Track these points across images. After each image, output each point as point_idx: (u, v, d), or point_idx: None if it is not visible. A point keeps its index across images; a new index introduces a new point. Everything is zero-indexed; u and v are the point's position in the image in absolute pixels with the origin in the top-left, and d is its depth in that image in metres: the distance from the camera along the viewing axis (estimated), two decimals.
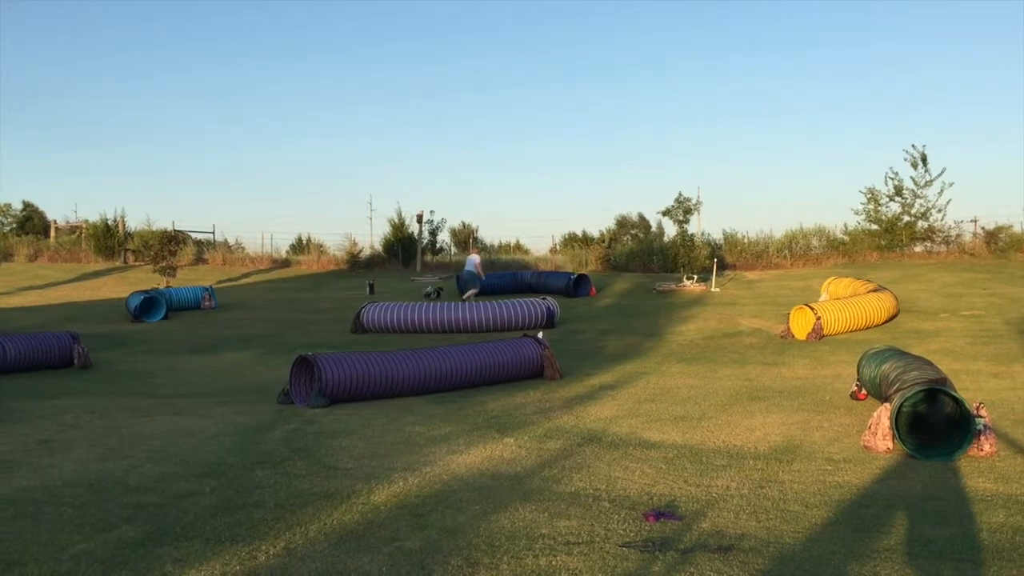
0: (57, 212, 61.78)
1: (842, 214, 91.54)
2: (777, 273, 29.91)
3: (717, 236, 36.28)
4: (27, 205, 51.00)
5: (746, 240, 35.41)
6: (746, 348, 14.97)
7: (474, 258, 24.10)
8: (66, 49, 78.20)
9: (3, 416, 9.27)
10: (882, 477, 6.23)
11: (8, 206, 50.04)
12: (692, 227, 34.22)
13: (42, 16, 75.81)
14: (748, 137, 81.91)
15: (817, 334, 15.28)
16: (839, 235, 33.94)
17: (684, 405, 9.54)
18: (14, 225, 48.70)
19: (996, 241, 29.56)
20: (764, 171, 78.81)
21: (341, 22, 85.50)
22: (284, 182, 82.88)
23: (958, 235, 31.57)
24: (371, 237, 40.91)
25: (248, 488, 6.04)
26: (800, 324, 15.77)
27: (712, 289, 24.77)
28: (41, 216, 49.43)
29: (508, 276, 28.44)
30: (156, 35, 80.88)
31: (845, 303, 16.56)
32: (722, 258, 31.34)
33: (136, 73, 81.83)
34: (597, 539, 4.77)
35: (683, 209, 33.11)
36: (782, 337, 15.75)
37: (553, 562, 4.41)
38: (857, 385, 9.52)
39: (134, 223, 38.96)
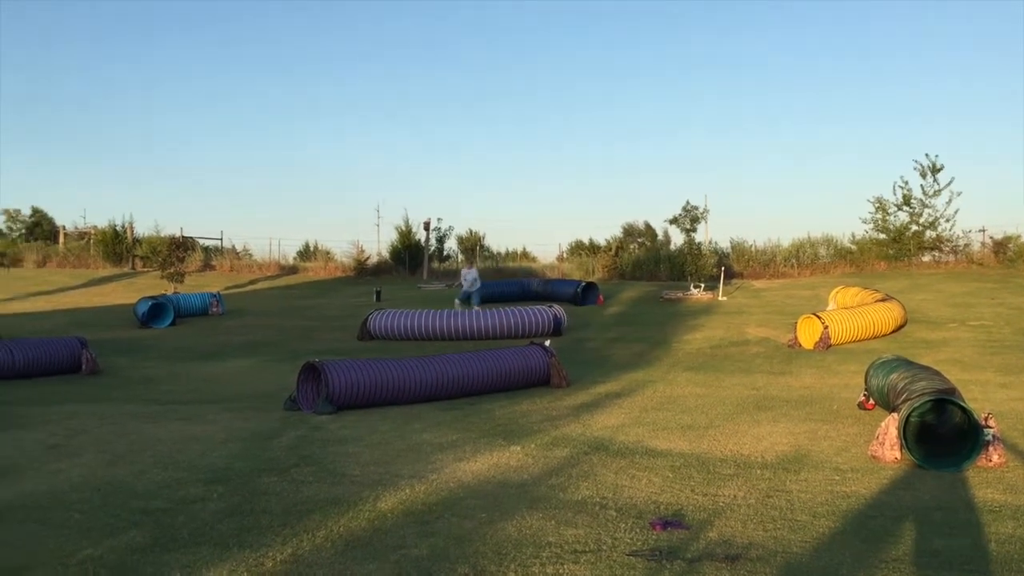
0: (66, 218, 62.13)
1: (850, 223, 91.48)
2: (784, 282, 29.86)
3: (724, 244, 36.33)
4: (36, 211, 51.30)
5: (753, 249, 35.38)
6: (753, 357, 14.94)
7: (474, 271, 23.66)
8: (76, 56, 78.66)
9: (11, 421, 9.30)
10: (890, 487, 6.21)
11: (17, 212, 50.37)
12: (699, 235, 34.29)
13: (52, 24, 76.31)
14: (756, 146, 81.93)
15: (824, 343, 15.25)
16: (847, 244, 33.92)
17: (691, 414, 9.52)
18: (23, 231, 48.91)
19: (1004, 251, 29.47)
20: (772, 180, 78.81)
21: (348, 30, 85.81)
22: (292, 189, 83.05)
23: (966, 245, 31.52)
24: (378, 244, 40.88)
25: (255, 494, 6.05)
26: (807, 333, 15.73)
27: (719, 298, 24.73)
28: (50, 222, 49.61)
29: (515, 284, 28.42)
30: (165, 42, 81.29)
31: (853, 312, 16.52)
32: (729, 267, 31.31)
33: (145, 80, 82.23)
34: (604, 548, 4.77)
35: (690, 217, 33.12)
36: (789, 346, 15.72)
37: (560, 570, 4.41)
38: (865, 395, 9.49)
39: (142, 229, 39.12)
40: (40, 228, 49.00)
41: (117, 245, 37.89)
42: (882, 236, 32.13)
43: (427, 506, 5.72)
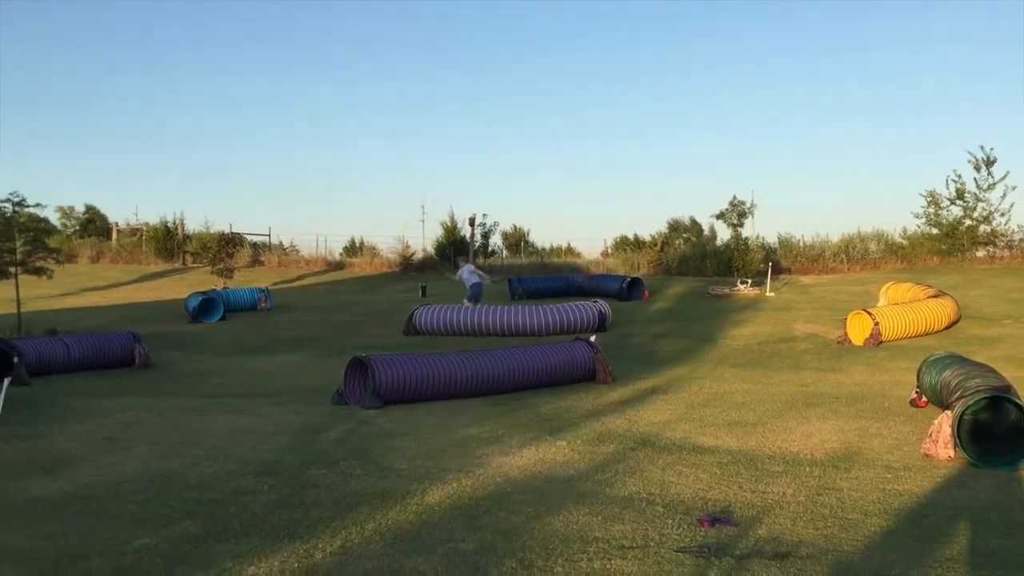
0: (118, 215, 63.29)
1: (901, 218, 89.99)
2: (833, 278, 29.45)
3: (772, 240, 35.85)
4: (89, 208, 52.16)
5: (802, 244, 34.92)
6: (801, 353, 14.77)
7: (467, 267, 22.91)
8: (125, 55, 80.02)
9: (67, 414, 9.52)
10: (943, 486, 6.10)
11: (71, 209, 51.31)
12: (746, 231, 33.94)
13: (100, 23, 77.79)
14: (804, 139, 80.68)
15: (875, 340, 15.01)
16: (898, 239, 33.29)
17: (738, 410, 9.44)
18: (77, 227, 49.88)
19: None
20: (821, 174, 77.55)
21: (391, 25, 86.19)
22: (338, 185, 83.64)
23: (1022, 239, 30.74)
24: (423, 240, 40.98)
25: (305, 487, 6.13)
26: (858, 329, 15.50)
27: (767, 293, 24.47)
28: (103, 219, 50.50)
29: (560, 279, 28.40)
30: (212, 39, 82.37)
31: (904, 308, 16.24)
32: (777, 262, 30.96)
33: (193, 79, 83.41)
34: (652, 544, 4.75)
35: (737, 212, 32.85)
36: (839, 343, 15.50)
37: (608, 566, 4.40)
38: (917, 392, 9.33)
39: (193, 225, 39.75)
40: (93, 225, 49.90)
41: (168, 241, 38.57)
42: (935, 231, 31.47)
43: (474, 500, 5.75)
